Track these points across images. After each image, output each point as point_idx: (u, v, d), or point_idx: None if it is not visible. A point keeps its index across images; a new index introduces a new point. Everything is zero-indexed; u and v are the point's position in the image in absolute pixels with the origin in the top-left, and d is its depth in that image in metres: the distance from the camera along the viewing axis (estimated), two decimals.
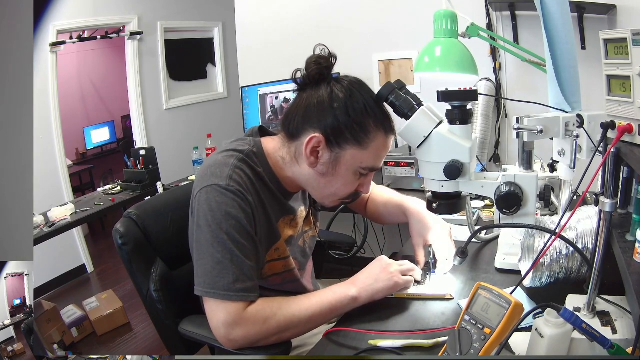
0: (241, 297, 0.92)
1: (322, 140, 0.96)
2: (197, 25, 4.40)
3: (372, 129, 0.97)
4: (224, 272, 0.92)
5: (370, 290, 1.01)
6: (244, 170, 0.99)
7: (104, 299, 2.87)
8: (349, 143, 0.97)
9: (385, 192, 1.39)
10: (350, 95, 0.96)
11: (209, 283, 0.93)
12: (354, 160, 0.99)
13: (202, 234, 0.95)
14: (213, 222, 0.93)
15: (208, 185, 0.96)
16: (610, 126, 0.84)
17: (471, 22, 1.75)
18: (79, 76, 5.12)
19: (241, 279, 0.93)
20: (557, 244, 0.95)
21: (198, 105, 4.48)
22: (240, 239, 0.94)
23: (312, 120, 0.97)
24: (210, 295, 0.93)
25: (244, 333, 0.92)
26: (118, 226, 1.13)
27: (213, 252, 0.93)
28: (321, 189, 1.04)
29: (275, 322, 0.94)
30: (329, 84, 0.98)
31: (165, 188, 2.60)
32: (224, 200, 0.94)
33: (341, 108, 0.95)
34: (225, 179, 0.96)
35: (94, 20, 3.66)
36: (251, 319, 0.93)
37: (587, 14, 1.92)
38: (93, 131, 5.25)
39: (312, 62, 0.99)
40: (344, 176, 1.01)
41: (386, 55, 2.50)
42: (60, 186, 3.53)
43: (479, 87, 2.10)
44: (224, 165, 0.98)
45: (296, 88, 1.02)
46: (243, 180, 0.97)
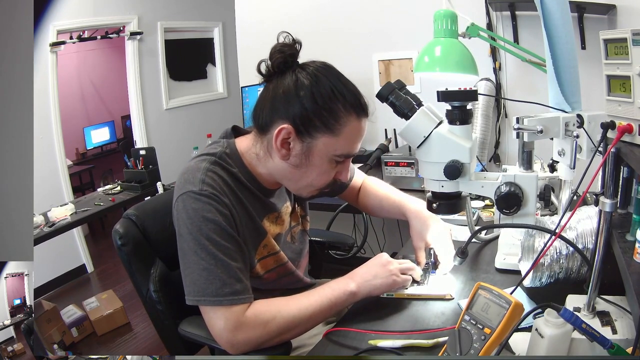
0: (232, 301, 0.91)
1: (291, 130, 0.93)
2: (197, 25, 4.40)
3: (342, 114, 0.94)
4: (211, 277, 0.91)
5: (368, 285, 1.01)
6: (216, 173, 0.97)
7: (104, 299, 2.87)
8: (319, 131, 0.94)
9: (382, 187, 1.37)
10: (316, 81, 0.93)
11: (197, 291, 0.92)
12: (327, 148, 0.96)
13: (184, 243, 0.94)
14: (192, 228, 0.92)
15: (183, 192, 0.95)
16: (610, 126, 0.84)
17: (471, 22, 1.75)
18: (79, 76, 5.12)
19: (229, 283, 0.91)
20: (557, 244, 0.95)
21: (198, 105, 4.48)
22: (222, 241, 0.93)
23: (279, 111, 0.94)
24: (201, 303, 0.92)
25: (245, 337, 0.92)
26: (117, 227, 1.13)
27: (197, 260, 0.92)
28: (296, 180, 1.01)
29: (275, 324, 0.93)
30: (294, 72, 0.95)
31: (165, 188, 2.60)
32: (199, 205, 0.93)
33: (307, 95, 0.92)
34: (198, 184, 0.94)
35: (94, 20, 3.66)
36: (251, 323, 0.92)
37: (587, 14, 1.92)
38: (93, 131, 5.25)
39: (276, 51, 0.96)
40: (319, 166, 0.98)
41: (386, 55, 2.50)
42: (60, 186, 3.53)
43: (479, 87, 2.10)
44: (196, 171, 0.97)
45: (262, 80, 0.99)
46: (217, 183, 0.96)
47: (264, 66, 0.98)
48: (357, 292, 1.00)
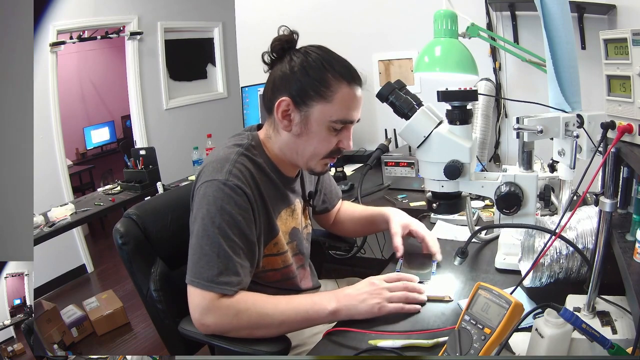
0: (221, 289, 0.95)
1: (289, 102, 1.02)
2: (197, 25, 4.40)
3: (332, 82, 1.01)
4: (210, 264, 0.95)
5: (352, 310, 0.99)
6: (244, 164, 1.03)
7: (104, 299, 2.87)
8: (314, 99, 1.02)
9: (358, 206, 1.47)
10: (306, 56, 1.03)
11: (195, 273, 0.96)
12: (323, 115, 1.02)
13: (196, 226, 0.98)
14: (207, 215, 0.96)
15: (208, 180, 0.99)
16: (610, 126, 0.84)
17: (471, 22, 1.75)
18: (79, 76, 5.12)
19: (225, 274, 0.95)
20: (557, 244, 0.95)
21: (198, 105, 4.48)
22: (232, 235, 0.96)
23: (280, 90, 1.03)
24: (194, 285, 0.96)
25: (215, 321, 0.96)
26: (118, 226, 1.14)
27: (202, 245, 0.96)
28: (302, 151, 1.07)
29: (246, 316, 0.96)
30: (290, 55, 1.04)
31: (165, 188, 2.60)
32: (220, 195, 0.97)
33: (300, 70, 1.02)
34: (225, 173, 0.99)
35: (94, 20, 3.66)
36: (223, 309, 0.95)
37: (587, 14, 1.92)
38: (93, 131, 5.25)
39: (275, 40, 1.05)
40: (318, 133, 1.04)
41: (386, 55, 2.50)
42: (60, 186, 3.53)
43: (479, 87, 2.10)
44: (225, 161, 1.01)
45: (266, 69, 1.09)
46: (243, 175, 1.00)
47: (267, 56, 1.07)
48: (337, 312, 0.98)
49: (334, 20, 2.58)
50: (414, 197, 1.83)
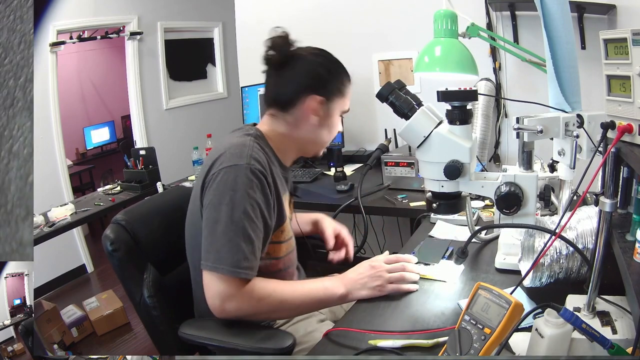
0: (246, 274, 0.97)
1: (321, 100, 1.12)
2: (197, 25, 4.40)
3: (345, 79, 1.17)
4: (235, 249, 0.96)
5: (355, 294, 1.08)
6: (261, 148, 1.07)
7: (104, 299, 2.87)
8: (335, 95, 1.15)
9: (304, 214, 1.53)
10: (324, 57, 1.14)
11: (218, 259, 0.96)
12: (341, 107, 1.17)
13: (215, 212, 0.98)
14: (230, 200, 0.97)
15: (229, 165, 1.00)
16: (610, 126, 0.84)
17: (471, 22, 1.75)
18: (79, 76, 5.12)
19: (249, 258, 0.97)
20: (557, 244, 0.95)
21: (198, 105, 4.48)
22: (255, 219, 0.99)
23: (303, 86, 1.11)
24: (217, 271, 0.96)
25: (237, 306, 0.97)
26: (107, 232, 1.12)
27: (226, 230, 0.96)
28: (321, 140, 1.18)
29: (268, 302, 0.99)
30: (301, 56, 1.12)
31: (165, 188, 2.60)
32: (244, 180, 0.98)
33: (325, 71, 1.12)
34: (246, 157, 1.01)
35: (94, 20, 3.66)
36: (247, 295, 0.97)
37: (587, 14, 1.92)
38: (93, 131, 5.25)
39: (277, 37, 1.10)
40: (336, 123, 1.18)
41: (386, 55, 2.50)
42: (60, 186, 3.53)
43: (479, 87, 2.10)
44: (243, 146, 1.03)
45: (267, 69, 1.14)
46: (262, 159, 1.04)
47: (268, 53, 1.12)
48: (345, 297, 1.07)
49: (334, 20, 2.58)
50: (414, 197, 1.83)
